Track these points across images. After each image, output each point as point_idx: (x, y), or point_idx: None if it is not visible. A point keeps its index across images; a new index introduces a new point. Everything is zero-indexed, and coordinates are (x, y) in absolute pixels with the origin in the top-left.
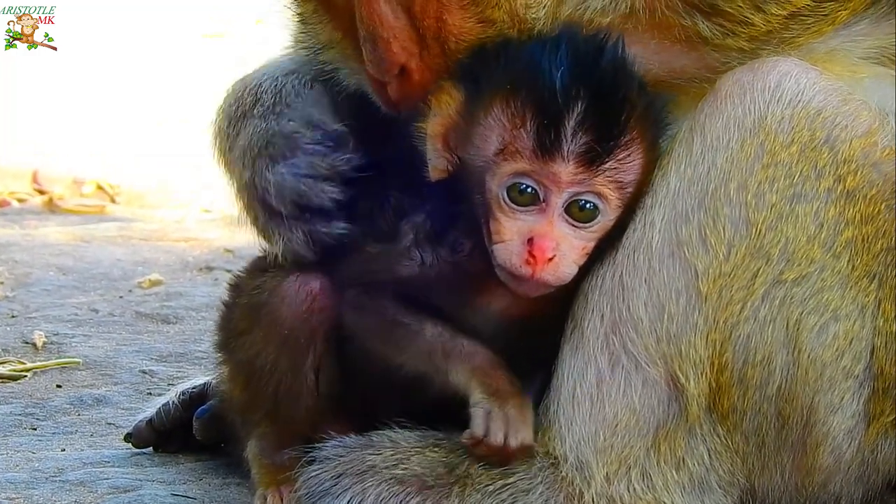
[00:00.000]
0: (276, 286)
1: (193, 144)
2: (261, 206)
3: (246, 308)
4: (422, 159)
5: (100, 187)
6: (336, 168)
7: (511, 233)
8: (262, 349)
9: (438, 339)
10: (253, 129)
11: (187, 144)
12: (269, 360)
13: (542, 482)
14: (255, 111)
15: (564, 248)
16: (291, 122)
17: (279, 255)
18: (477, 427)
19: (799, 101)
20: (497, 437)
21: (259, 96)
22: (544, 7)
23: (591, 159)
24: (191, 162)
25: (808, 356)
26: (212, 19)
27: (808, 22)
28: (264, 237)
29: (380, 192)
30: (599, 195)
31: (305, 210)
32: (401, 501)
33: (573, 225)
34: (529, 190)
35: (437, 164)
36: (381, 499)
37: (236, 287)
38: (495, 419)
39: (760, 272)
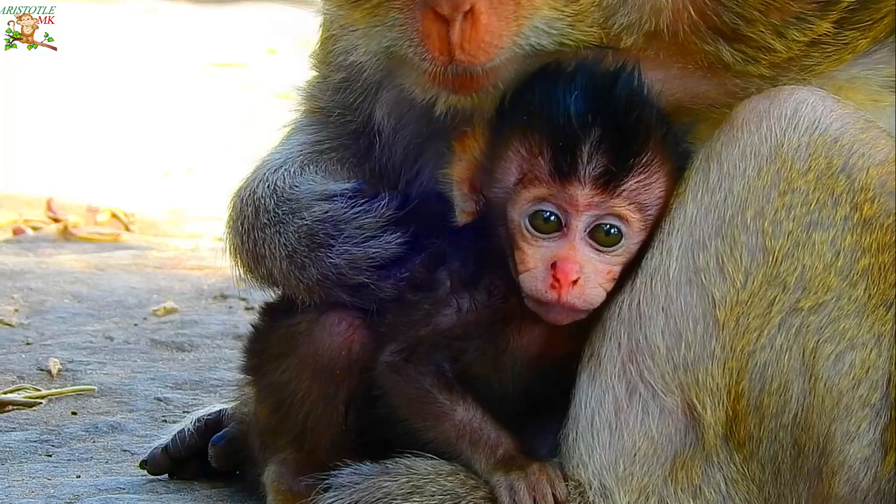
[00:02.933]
0: (316, 316)
1: (205, 172)
2: (342, 289)
3: (283, 334)
4: (450, 206)
5: (114, 215)
6: (384, 216)
7: (535, 260)
8: (295, 376)
9: (468, 425)
10: (280, 237)
11: (199, 172)
12: (301, 388)
13: None
14: (262, 220)
15: (589, 272)
16: (315, 208)
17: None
18: None
19: (816, 129)
20: None
21: (258, 204)
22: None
23: (607, 181)
24: (204, 190)
25: (825, 384)
26: (226, 49)
27: (829, 50)
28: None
29: (417, 241)
30: (620, 217)
31: (382, 268)
32: None
33: (597, 249)
34: (552, 217)
35: (465, 208)
36: None
37: (270, 312)
38: (519, 490)
39: (777, 300)
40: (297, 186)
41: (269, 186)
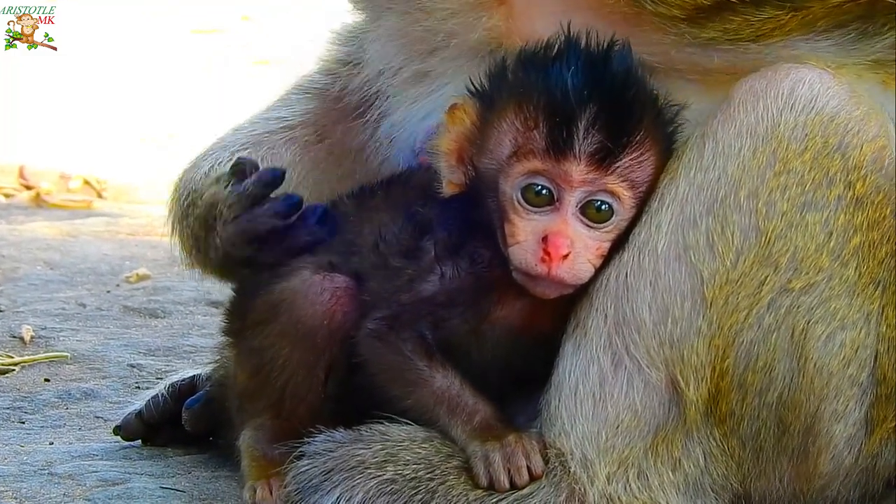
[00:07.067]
0: (299, 284)
1: (183, 139)
2: (240, 265)
3: (265, 300)
4: (435, 176)
5: (87, 182)
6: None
7: (525, 233)
8: (276, 342)
9: (446, 392)
10: (189, 228)
11: (178, 141)
12: (282, 354)
13: (547, 478)
14: (188, 211)
15: (579, 247)
16: (206, 194)
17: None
18: (479, 478)
19: (812, 108)
20: (503, 482)
21: (181, 192)
22: None
23: (603, 158)
24: (180, 157)
25: (815, 365)
26: (201, 15)
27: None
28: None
29: (401, 209)
30: (612, 194)
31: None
32: (388, 501)
33: (588, 225)
34: (544, 191)
35: (452, 179)
36: (370, 496)
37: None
38: (494, 462)
39: (767, 280)
40: (209, 175)
41: (193, 188)
